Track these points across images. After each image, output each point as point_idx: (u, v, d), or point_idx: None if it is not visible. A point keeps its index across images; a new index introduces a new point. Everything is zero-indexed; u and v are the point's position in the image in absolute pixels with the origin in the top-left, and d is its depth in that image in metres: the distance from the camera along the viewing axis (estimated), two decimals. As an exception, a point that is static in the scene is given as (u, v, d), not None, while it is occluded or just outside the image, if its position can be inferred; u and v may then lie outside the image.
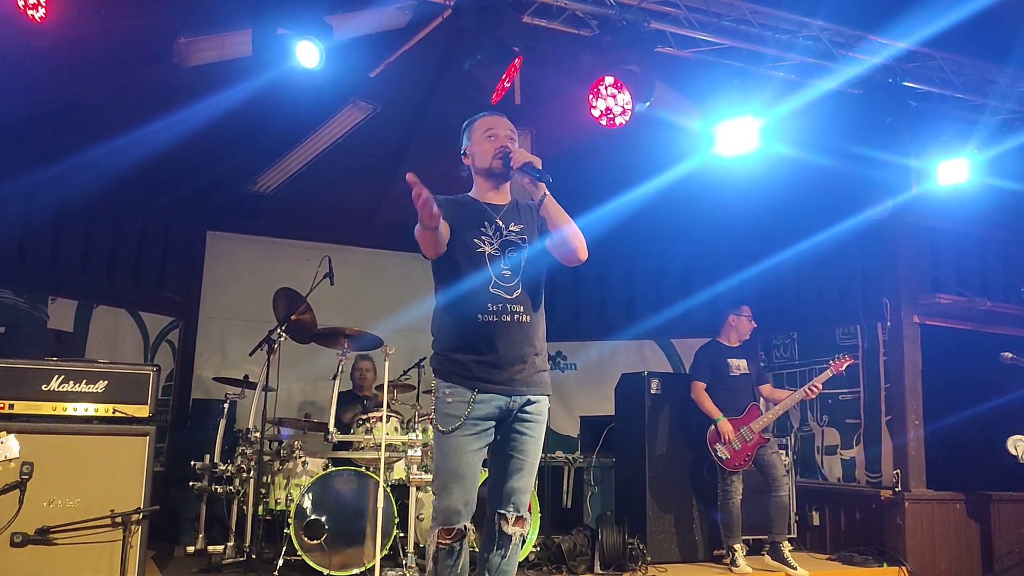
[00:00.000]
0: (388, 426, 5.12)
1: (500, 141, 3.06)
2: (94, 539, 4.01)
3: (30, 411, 4.12)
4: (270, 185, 7.23)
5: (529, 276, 3.01)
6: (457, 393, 2.92)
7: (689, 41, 4.95)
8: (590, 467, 7.27)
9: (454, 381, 2.94)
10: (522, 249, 3.02)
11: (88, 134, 5.51)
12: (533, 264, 3.03)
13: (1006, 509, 6.37)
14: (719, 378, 5.87)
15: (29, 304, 6.00)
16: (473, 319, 2.91)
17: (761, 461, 5.74)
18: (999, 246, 6.85)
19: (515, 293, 2.95)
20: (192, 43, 4.81)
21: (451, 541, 2.87)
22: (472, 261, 2.97)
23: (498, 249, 2.99)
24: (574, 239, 2.96)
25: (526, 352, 2.95)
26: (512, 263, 2.99)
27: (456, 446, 2.89)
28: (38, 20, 3.76)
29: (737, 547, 5.65)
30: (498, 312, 2.92)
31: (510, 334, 2.92)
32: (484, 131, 3.10)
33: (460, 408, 2.89)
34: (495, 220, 3.04)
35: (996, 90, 5.53)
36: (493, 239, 3.00)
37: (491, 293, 2.93)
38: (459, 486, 2.88)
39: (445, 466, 2.91)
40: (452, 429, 2.89)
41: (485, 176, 3.11)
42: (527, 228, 3.08)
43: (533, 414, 2.98)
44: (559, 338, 8.05)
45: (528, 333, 2.97)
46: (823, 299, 7.10)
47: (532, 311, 2.99)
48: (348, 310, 6.76)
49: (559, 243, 2.97)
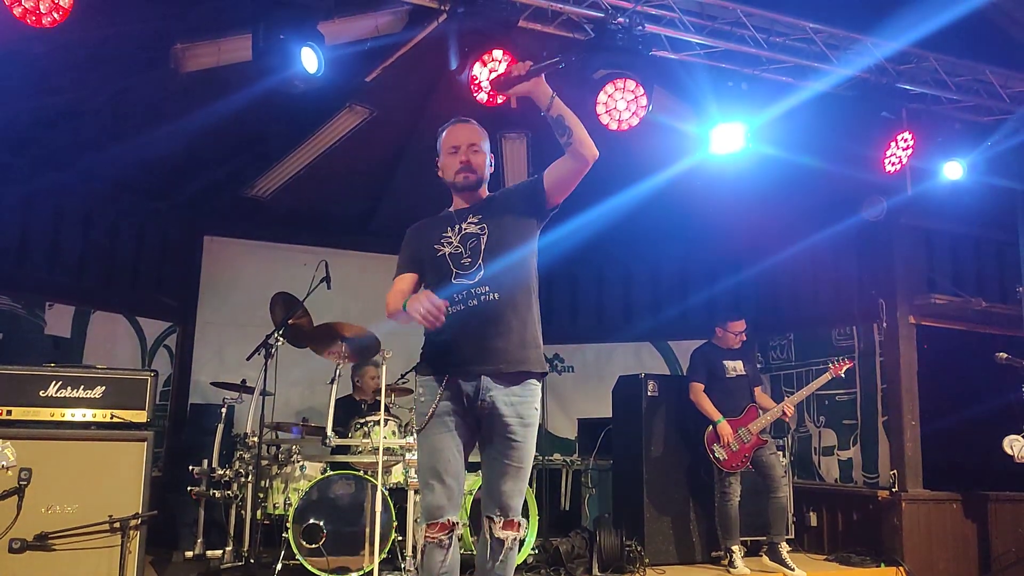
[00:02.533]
0: (386, 430, 5.13)
1: (462, 155, 3.11)
2: (92, 545, 4.01)
3: (28, 417, 4.13)
4: (267, 190, 7.24)
5: (495, 257, 2.99)
6: (427, 388, 3.00)
7: (684, 44, 4.98)
8: (588, 469, 7.29)
9: (424, 373, 3.04)
10: (480, 236, 3.04)
11: (85, 140, 5.51)
12: (501, 245, 3.01)
13: (1003, 509, 6.38)
14: (715, 380, 5.90)
15: (26, 310, 6.00)
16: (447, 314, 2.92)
17: (759, 462, 5.76)
18: (994, 247, 6.87)
19: (477, 276, 2.98)
20: (189, 49, 4.82)
21: (439, 534, 2.89)
22: (435, 264, 3.07)
23: (458, 245, 3.05)
24: (586, 135, 2.96)
25: (499, 328, 2.94)
26: (473, 249, 3.02)
27: (431, 443, 2.95)
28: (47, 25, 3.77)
29: (735, 548, 5.66)
30: (464, 299, 2.96)
31: (477, 316, 2.94)
32: (448, 148, 3.15)
33: (428, 405, 2.96)
34: (456, 223, 3.10)
35: (990, 91, 5.56)
36: (452, 238, 3.07)
37: (454, 284, 2.98)
38: (439, 481, 2.91)
39: (424, 464, 2.99)
40: (423, 427, 2.96)
41: (452, 189, 3.20)
42: (487, 215, 3.08)
43: (512, 416, 2.93)
44: (556, 340, 8.07)
45: (499, 310, 2.95)
46: (819, 300, 7.12)
47: (503, 289, 2.97)
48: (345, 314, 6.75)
49: (575, 142, 2.94)
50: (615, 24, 4.64)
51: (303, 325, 5.54)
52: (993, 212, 6.46)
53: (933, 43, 5.18)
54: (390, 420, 5.32)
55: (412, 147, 6.80)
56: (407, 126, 6.63)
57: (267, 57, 4.18)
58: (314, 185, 7.14)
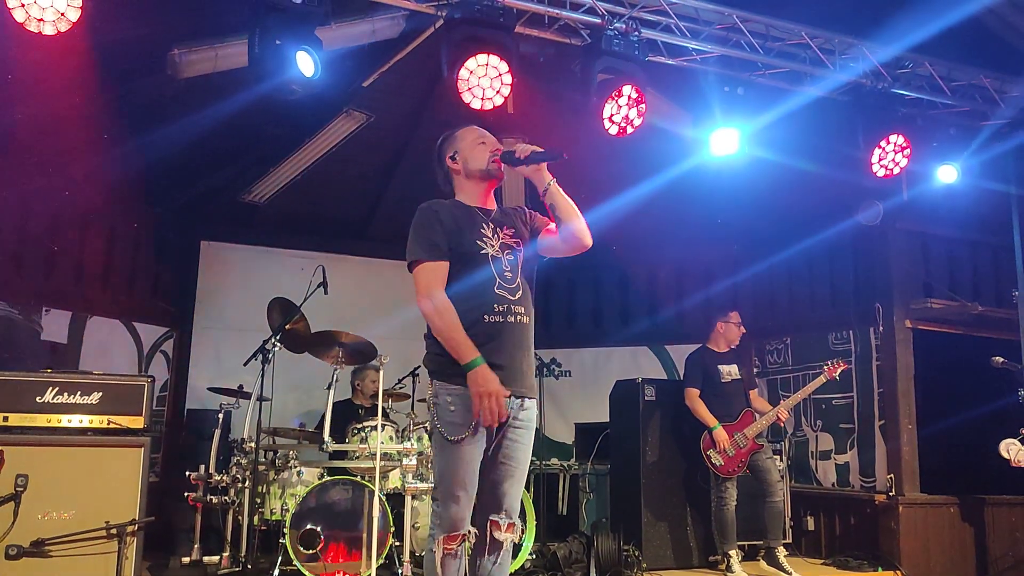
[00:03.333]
0: (383, 435, 5.13)
1: (493, 146, 3.13)
2: (89, 551, 4.00)
3: (24, 423, 4.10)
4: (264, 195, 7.24)
5: (526, 279, 3.05)
6: (461, 398, 2.85)
7: (680, 50, 4.99)
8: (585, 474, 7.28)
9: (459, 383, 2.85)
10: (517, 251, 3.05)
11: (82, 145, 5.51)
12: (528, 267, 3.08)
13: (1000, 513, 6.40)
14: (710, 385, 5.89)
15: (23, 316, 5.99)
16: (480, 320, 2.89)
17: (756, 467, 5.77)
18: (990, 251, 6.89)
19: (517, 294, 2.97)
20: (186, 54, 4.82)
21: (456, 546, 2.89)
22: (476, 261, 2.95)
23: (499, 250, 3.01)
24: (582, 223, 3.01)
25: (525, 353, 2.99)
26: (512, 264, 3.01)
27: (463, 455, 2.85)
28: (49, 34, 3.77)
29: (732, 553, 5.66)
30: (503, 312, 2.92)
31: (514, 335, 2.94)
32: (475, 138, 3.16)
33: (466, 415, 2.83)
34: (490, 223, 3.06)
35: (986, 95, 5.58)
36: (492, 240, 3.02)
37: (496, 294, 2.93)
38: (466, 495, 2.87)
39: (452, 475, 2.86)
40: (460, 439, 2.83)
41: (481, 177, 3.12)
42: (518, 232, 3.12)
43: (524, 420, 2.98)
44: (554, 345, 8.07)
45: (527, 335, 3.00)
46: (816, 304, 7.13)
47: (530, 313, 3.02)
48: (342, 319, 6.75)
49: (567, 230, 3.00)
50: (612, 30, 4.66)
51: (300, 330, 5.54)
52: (988, 216, 6.48)
53: (928, 48, 5.20)
54: (387, 425, 5.31)
55: (409, 152, 6.80)
56: (404, 131, 6.64)
57: (263, 62, 4.18)
58: (311, 190, 7.15)
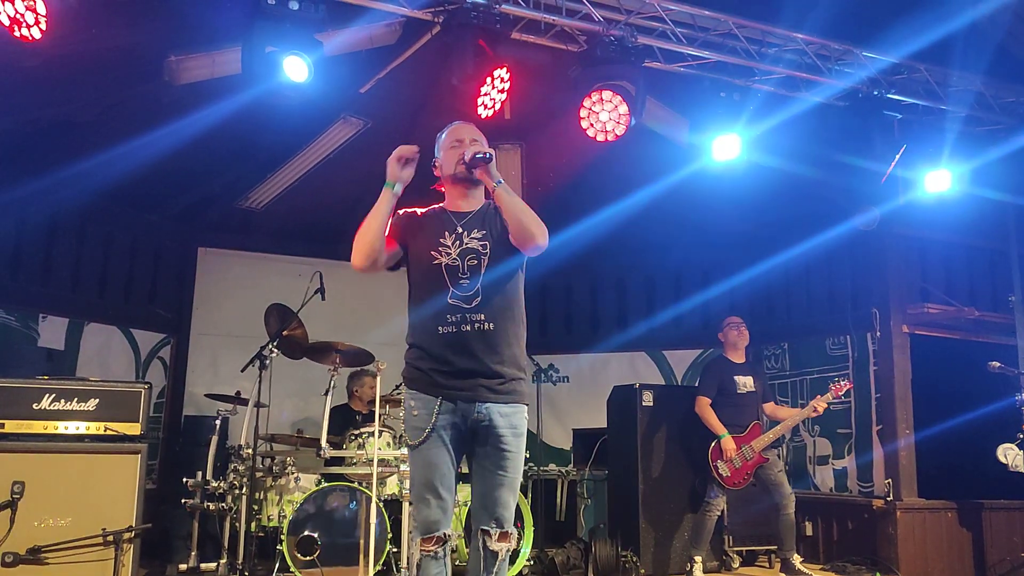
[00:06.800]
0: (380, 441, 5.12)
1: (464, 147, 3.09)
2: (86, 558, 4.00)
3: (21, 430, 4.11)
4: (261, 201, 7.24)
5: (492, 282, 2.97)
6: (422, 403, 2.91)
7: (676, 56, 5.00)
8: (583, 480, 7.28)
9: (418, 389, 2.94)
10: (482, 255, 2.98)
11: (79, 152, 5.51)
12: (497, 270, 2.99)
13: (998, 517, 6.39)
14: (725, 395, 5.80)
15: (20, 322, 5.98)
16: (434, 331, 2.91)
17: (767, 481, 5.68)
18: (986, 256, 6.90)
19: (474, 302, 2.92)
20: (182, 61, 4.83)
21: (435, 547, 2.89)
22: (428, 274, 2.98)
23: (456, 258, 2.97)
24: (531, 225, 2.92)
25: (490, 361, 2.91)
26: (471, 271, 2.96)
27: (426, 458, 2.89)
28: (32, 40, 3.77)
29: (697, 559, 5.65)
30: (457, 323, 2.90)
31: (470, 344, 2.90)
32: (450, 141, 3.15)
33: (425, 420, 2.89)
34: (456, 228, 3.03)
35: (982, 101, 5.59)
36: (451, 248, 2.99)
37: (449, 304, 2.92)
38: (434, 496, 2.88)
39: (418, 478, 2.93)
40: (419, 442, 2.89)
41: (452, 182, 3.13)
42: (490, 232, 3.04)
43: (506, 428, 2.92)
44: (552, 350, 8.07)
45: (493, 341, 2.92)
46: (813, 310, 7.14)
47: (497, 318, 2.94)
48: (340, 325, 6.75)
49: (516, 231, 2.95)
50: (608, 36, 4.67)
51: (298, 336, 5.54)
52: (985, 221, 6.51)
53: (925, 55, 5.21)
54: (385, 431, 5.31)
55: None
56: (401, 137, 6.63)
57: (257, 69, 4.19)
58: (308, 196, 7.15)
